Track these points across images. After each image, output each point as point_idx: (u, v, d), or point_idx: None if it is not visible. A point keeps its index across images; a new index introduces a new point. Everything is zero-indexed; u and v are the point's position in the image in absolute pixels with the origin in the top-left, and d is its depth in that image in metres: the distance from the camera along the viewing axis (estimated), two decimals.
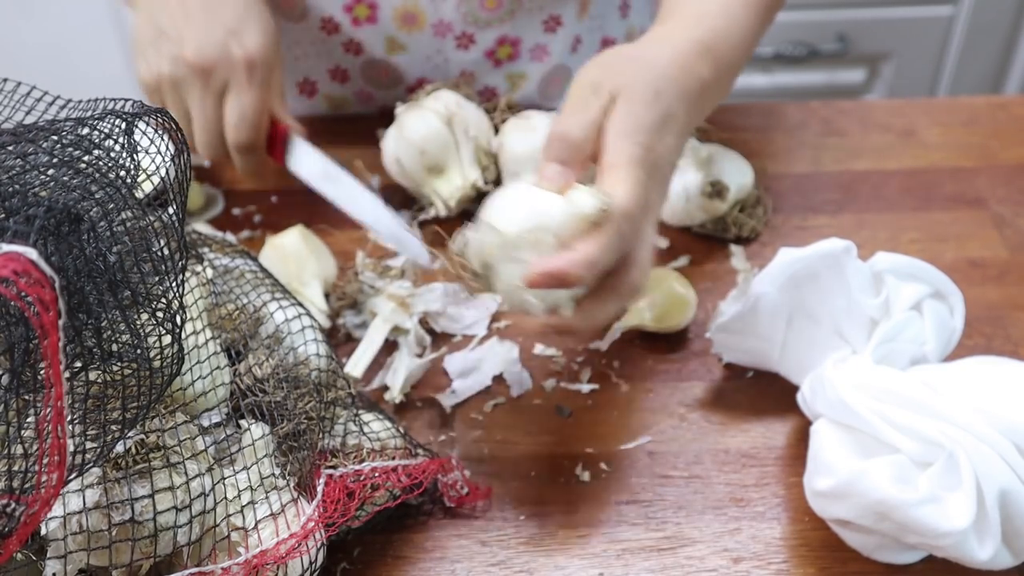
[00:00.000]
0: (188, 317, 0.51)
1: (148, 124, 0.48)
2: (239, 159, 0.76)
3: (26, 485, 0.38)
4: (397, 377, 0.67)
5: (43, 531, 0.46)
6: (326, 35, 0.87)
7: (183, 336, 0.48)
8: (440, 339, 0.71)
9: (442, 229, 0.79)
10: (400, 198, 0.83)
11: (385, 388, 0.67)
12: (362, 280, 0.72)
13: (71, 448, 0.41)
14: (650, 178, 0.58)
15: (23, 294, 0.36)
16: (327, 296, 0.72)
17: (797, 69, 1.65)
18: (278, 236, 0.73)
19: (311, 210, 0.79)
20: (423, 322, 0.71)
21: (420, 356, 0.69)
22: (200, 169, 0.85)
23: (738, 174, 0.76)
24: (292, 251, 0.72)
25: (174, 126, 0.49)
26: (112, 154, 0.45)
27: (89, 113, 0.48)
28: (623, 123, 0.59)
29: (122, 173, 0.44)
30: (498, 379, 0.69)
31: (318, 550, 0.51)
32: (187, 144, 0.50)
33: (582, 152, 0.57)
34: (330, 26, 0.86)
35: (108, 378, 0.43)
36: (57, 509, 0.46)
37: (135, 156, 0.46)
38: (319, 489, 0.53)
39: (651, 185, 0.58)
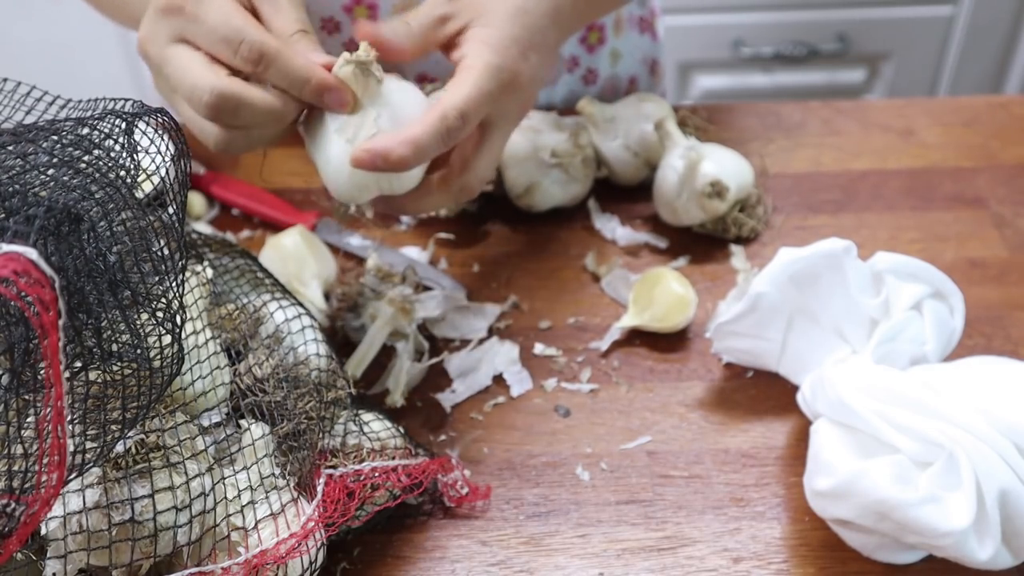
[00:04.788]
0: (188, 317, 0.51)
1: (148, 124, 0.48)
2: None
3: (26, 485, 0.38)
4: (397, 382, 0.67)
5: (43, 531, 0.46)
6: (327, 35, 0.87)
7: (183, 336, 0.48)
8: (439, 343, 0.71)
9: (446, 232, 0.80)
10: None
11: (385, 392, 0.67)
12: (363, 283, 0.72)
13: (71, 448, 0.41)
14: (501, 91, 0.60)
15: (23, 294, 0.36)
16: (327, 297, 0.72)
17: (797, 69, 1.65)
18: (278, 236, 0.73)
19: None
20: (422, 328, 0.71)
21: (419, 361, 0.69)
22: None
23: (738, 174, 0.76)
24: (292, 251, 0.72)
25: (174, 126, 0.49)
26: (112, 154, 0.45)
27: (89, 113, 0.48)
28: (485, 34, 0.61)
29: (122, 173, 0.44)
30: (498, 379, 0.69)
31: (318, 550, 0.51)
32: (187, 144, 0.50)
33: (410, 36, 0.60)
34: (330, 26, 0.86)
35: (108, 378, 0.43)
36: (57, 509, 0.46)
37: (135, 156, 0.46)
38: (319, 489, 0.53)
39: (499, 96, 0.60)
